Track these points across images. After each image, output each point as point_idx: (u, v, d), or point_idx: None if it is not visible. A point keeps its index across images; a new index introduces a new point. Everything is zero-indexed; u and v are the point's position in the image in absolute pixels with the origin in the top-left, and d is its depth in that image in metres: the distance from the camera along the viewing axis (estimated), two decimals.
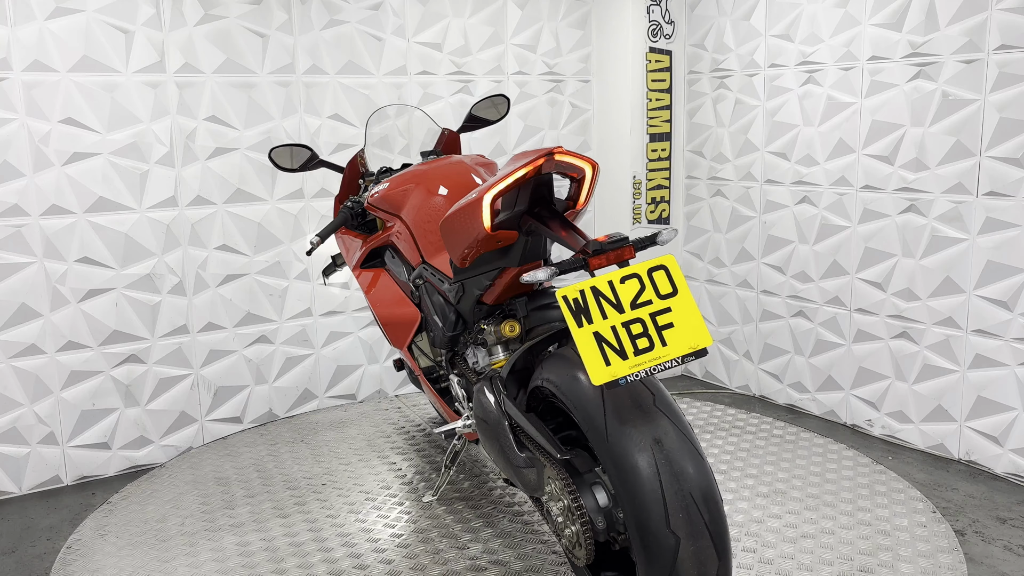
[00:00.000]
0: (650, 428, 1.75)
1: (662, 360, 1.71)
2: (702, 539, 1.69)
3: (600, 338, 1.71)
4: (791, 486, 3.01)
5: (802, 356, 3.83)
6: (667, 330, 1.71)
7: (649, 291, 1.74)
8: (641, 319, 1.72)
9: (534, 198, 2.04)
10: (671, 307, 1.72)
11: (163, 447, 3.48)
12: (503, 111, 3.16)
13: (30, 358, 3.19)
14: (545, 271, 1.81)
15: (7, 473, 3.19)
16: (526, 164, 1.95)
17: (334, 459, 3.37)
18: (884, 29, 3.32)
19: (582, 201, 1.98)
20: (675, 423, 1.76)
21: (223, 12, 3.42)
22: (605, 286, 1.74)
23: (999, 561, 2.56)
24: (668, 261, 1.75)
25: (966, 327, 3.19)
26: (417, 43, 3.85)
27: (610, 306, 1.73)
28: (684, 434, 1.75)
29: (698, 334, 1.71)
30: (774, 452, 3.32)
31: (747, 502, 2.89)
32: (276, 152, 3.06)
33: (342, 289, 3.84)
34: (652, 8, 4.10)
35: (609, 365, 1.70)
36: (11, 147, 3.08)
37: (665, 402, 1.80)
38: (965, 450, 3.26)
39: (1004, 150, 3.01)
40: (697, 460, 1.74)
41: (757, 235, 3.97)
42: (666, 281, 1.74)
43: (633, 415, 1.77)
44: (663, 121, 4.22)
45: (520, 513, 2.85)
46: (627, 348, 1.70)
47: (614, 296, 1.74)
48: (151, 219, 3.37)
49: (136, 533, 2.81)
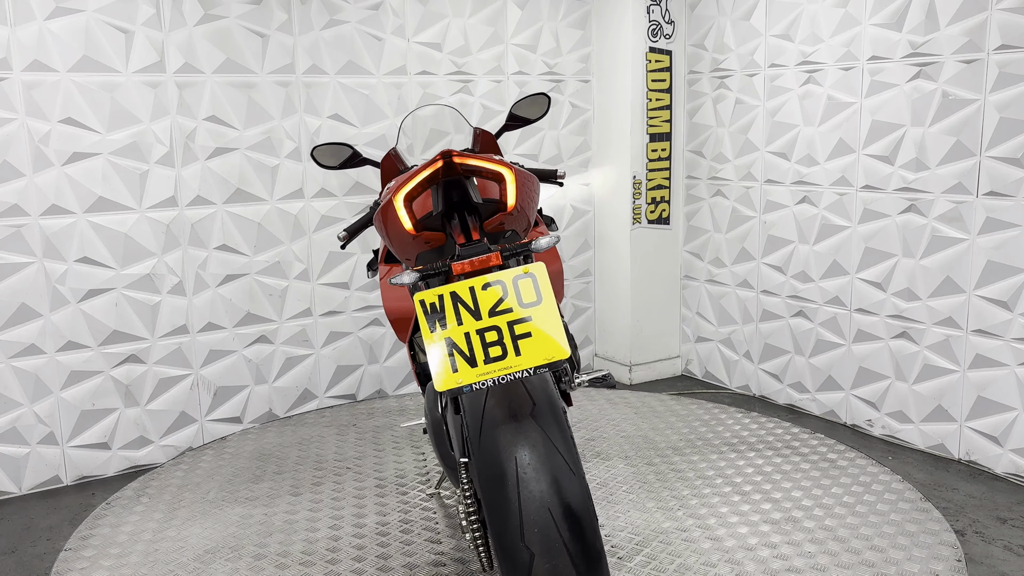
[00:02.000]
0: (518, 439, 1.69)
1: (513, 370, 1.66)
2: (559, 557, 1.61)
3: (452, 344, 1.68)
4: (791, 486, 3.01)
5: (802, 356, 3.83)
6: (523, 340, 1.67)
7: (512, 299, 1.69)
8: (498, 327, 1.68)
9: (454, 200, 2.00)
10: (532, 316, 1.67)
11: (163, 447, 3.48)
12: (543, 109, 3.17)
13: (30, 358, 3.19)
14: (409, 275, 1.78)
15: (7, 473, 3.19)
16: (425, 166, 1.92)
17: (371, 445, 3.49)
18: (884, 29, 3.32)
19: (511, 204, 1.92)
20: (548, 435, 1.70)
21: (223, 12, 3.42)
22: (466, 292, 1.71)
23: (999, 561, 2.56)
24: (537, 269, 1.70)
25: (966, 327, 3.19)
26: (417, 43, 3.85)
27: (468, 312, 1.69)
28: (555, 448, 1.69)
29: (554, 346, 1.66)
30: (774, 452, 3.32)
31: (746, 501, 2.89)
32: (319, 151, 3.09)
33: (342, 289, 3.84)
34: (652, 8, 4.10)
35: (456, 372, 1.66)
36: (11, 147, 3.08)
37: (543, 413, 1.73)
38: (965, 450, 3.26)
39: (1004, 150, 3.01)
40: (565, 476, 1.66)
41: (757, 235, 3.97)
42: (532, 290, 1.70)
43: (505, 424, 1.71)
44: (663, 121, 4.22)
45: None
46: (478, 356, 1.67)
47: (473, 302, 1.70)
48: (151, 219, 3.37)
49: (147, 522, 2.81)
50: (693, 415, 3.76)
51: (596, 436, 3.52)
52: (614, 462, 3.26)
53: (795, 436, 3.49)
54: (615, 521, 2.77)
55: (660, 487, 3.02)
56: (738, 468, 3.17)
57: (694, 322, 4.39)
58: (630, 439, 3.48)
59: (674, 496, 2.94)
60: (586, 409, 3.85)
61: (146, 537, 2.78)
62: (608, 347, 4.44)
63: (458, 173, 1.93)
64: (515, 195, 1.89)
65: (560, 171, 3.07)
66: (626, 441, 3.46)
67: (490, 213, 1.97)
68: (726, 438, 3.47)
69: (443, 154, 1.87)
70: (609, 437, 3.51)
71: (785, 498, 2.92)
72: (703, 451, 3.34)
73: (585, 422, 3.68)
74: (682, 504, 2.89)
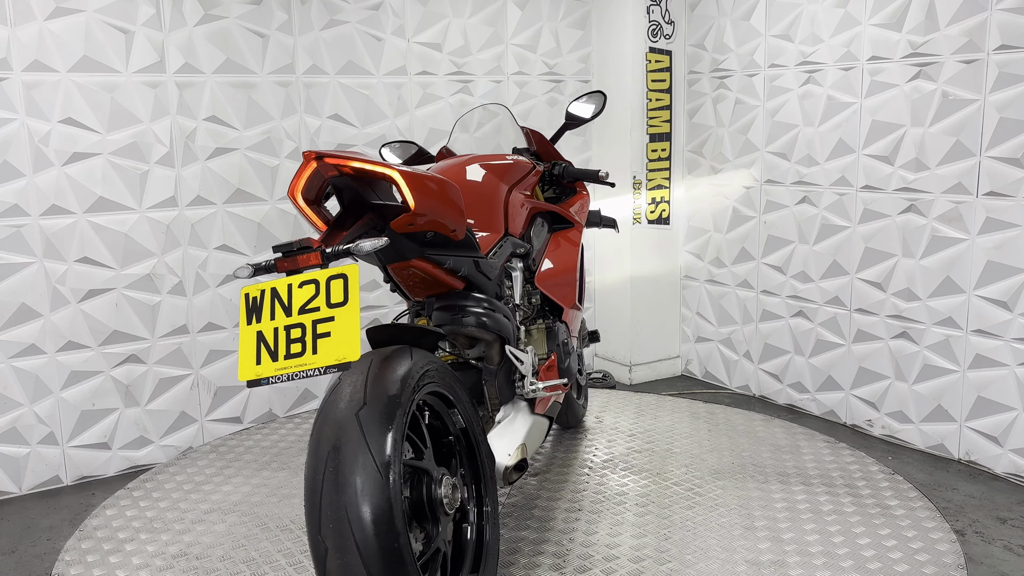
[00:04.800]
0: (335, 435, 1.74)
1: (307, 368, 1.70)
2: (349, 555, 1.65)
3: (261, 337, 1.73)
4: (790, 486, 3.01)
5: (802, 356, 3.83)
6: (322, 339, 1.70)
7: (321, 298, 1.73)
8: (303, 324, 1.72)
9: (347, 199, 2.04)
10: (335, 317, 1.71)
11: (163, 447, 3.48)
12: (599, 108, 3.19)
13: (30, 358, 3.19)
14: (244, 269, 1.84)
15: (7, 473, 3.19)
16: (301, 166, 1.96)
17: None
18: (884, 29, 3.32)
19: (412, 205, 1.96)
20: (365, 435, 1.72)
21: (223, 12, 3.42)
22: (284, 288, 1.76)
23: (999, 561, 2.56)
24: (350, 271, 1.73)
25: (966, 327, 3.19)
26: (417, 43, 3.85)
27: (281, 308, 1.74)
28: (367, 448, 1.71)
29: (348, 348, 1.69)
30: (774, 452, 3.32)
31: (745, 501, 2.90)
32: (387, 148, 3.20)
33: None
34: (652, 8, 4.10)
35: (259, 364, 1.71)
36: (11, 147, 3.08)
37: (372, 412, 1.76)
38: (965, 450, 3.26)
39: (1004, 150, 3.01)
40: (369, 476, 1.69)
41: (757, 235, 3.97)
42: (340, 291, 1.73)
43: (332, 419, 1.77)
44: (663, 121, 4.22)
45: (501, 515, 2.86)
46: (280, 351, 1.71)
47: (288, 299, 1.75)
48: (151, 219, 3.37)
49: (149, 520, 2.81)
50: (693, 415, 3.76)
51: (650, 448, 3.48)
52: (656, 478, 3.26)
53: (794, 436, 3.50)
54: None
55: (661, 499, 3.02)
56: (737, 467, 3.17)
57: (694, 322, 4.39)
58: (695, 455, 3.49)
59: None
60: (656, 420, 3.79)
61: (146, 537, 2.78)
62: (608, 347, 4.44)
63: (352, 174, 1.96)
64: (412, 197, 1.93)
65: (602, 172, 3.09)
66: (687, 456, 3.46)
67: (396, 213, 2.02)
68: (724, 438, 3.47)
69: (316, 155, 1.92)
70: (671, 450, 3.50)
71: (784, 497, 2.92)
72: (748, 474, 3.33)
73: (649, 434, 3.63)
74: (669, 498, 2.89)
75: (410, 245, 2.10)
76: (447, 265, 2.24)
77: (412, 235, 2.08)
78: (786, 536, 2.66)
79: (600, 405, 3.91)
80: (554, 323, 2.81)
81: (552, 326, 2.79)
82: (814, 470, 3.14)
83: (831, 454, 3.29)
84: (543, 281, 2.79)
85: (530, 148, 3.20)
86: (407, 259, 2.13)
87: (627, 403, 3.94)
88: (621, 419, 3.72)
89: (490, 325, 2.37)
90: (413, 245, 2.11)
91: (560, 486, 3.06)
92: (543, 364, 2.65)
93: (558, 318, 2.86)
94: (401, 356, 1.94)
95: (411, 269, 2.19)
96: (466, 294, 2.37)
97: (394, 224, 2.01)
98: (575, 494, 2.98)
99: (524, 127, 3.23)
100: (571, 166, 3.18)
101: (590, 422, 3.70)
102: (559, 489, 3.04)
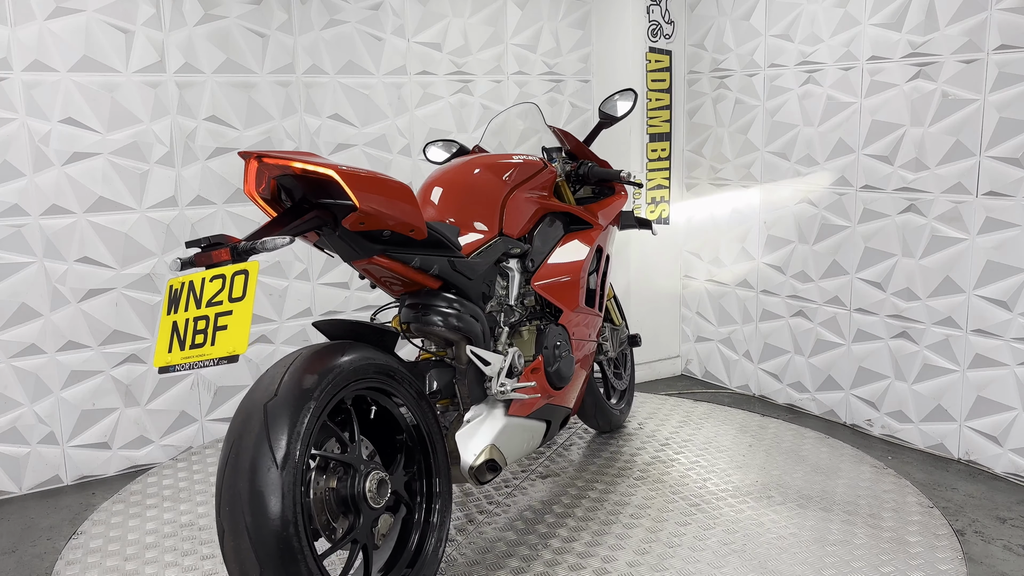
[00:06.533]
0: (243, 421, 1.84)
1: (204, 358, 1.78)
2: (241, 539, 1.75)
3: (175, 327, 1.83)
4: (790, 485, 3.01)
5: (802, 356, 3.83)
6: (220, 331, 1.79)
7: (225, 292, 1.82)
8: (208, 316, 1.81)
9: (296, 197, 2.09)
10: (233, 311, 1.79)
11: (163, 447, 3.48)
12: (630, 105, 3.20)
13: (30, 358, 3.19)
14: (175, 263, 1.92)
15: (7, 473, 3.19)
16: (245, 166, 2.02)
17: None
18: (884, 29, 3.33)
19: (358, 204, 2.01)
20: (268, 425, 1.81)
21: (223, 12, 3.42)
22: (199, 281, 1.85)
23: (999, 561, 2.56)
24: (251, 267, 1.81)
25: (966, 327, 3.20)
26: (417, 43, 3.86)
27: (193, 300, 1.84)
28: (267, 438, 1.79)
29: (239, 341, 1.77)
30: (773, 451, 3.32)
31: (744, 501, 2.89)
32: (430, 148, 3.26)
33: (341, 289, 3.84)
34: (652, 8, 4.10)
35: (170, 352, 1.82)
36: (11, 147, 3.08)
37: (280, 404, 1.84)
38: (965, 450, 3.26)
39: (1004, 150, 3.02)
40: (264, 465, 1.77)
41: (757, 235, 3.97)
42: (241, 286, 1.81)
43: (245, 406, 1.87)
44: (663, 121, 4.22)
45: (486, 512, 2.86)
46: (187, 340, 1.81)
47: (200, 291, 1.83)
48: (151, 219, 3.37)
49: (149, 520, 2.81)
50: (692, 415, 3.75)
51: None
52: None
53: (794, 435, 3.50)
54: None
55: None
56: (736, 467, 3.17)
57: (694, 322, 4.39)
58: None
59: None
60: (699, 430, 3.67)
61: (146, 537, 2.78)
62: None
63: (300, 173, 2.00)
64: (354, 196, 1.98)
65: (624, 172, 3.09)
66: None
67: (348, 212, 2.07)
68: (725, 437, 3.47)
69: (256, 155, 1.99)
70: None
71: (783, 497, 2.92)
72: None
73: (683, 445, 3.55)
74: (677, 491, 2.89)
75: (366, 244, 2.16)
76: (414, 263, 2.28)
77: (367, 234, 2.14)
78: (770, 564, 2.57)
79: (648, 411, 3.81)
80: (547, 325, 2.75)
81: (544, 328, 2.74)
82: (843, 496, 2.91)
83: (869, 481, 3.04)
84: (539, 282, 2.77)
85: (563, 147, 3.21)
86: (366, 257, 2.18)
87: (675, 411, 3.82)
88: (663, 426, 3.61)
89: (453, 325, 2.40)
90: (369, 244, 2.16)
91: (562, 490, 3.06)
92: (528, 366, 2.63)
93: (554, 321, 2.81)
94: (333, 351, 2.01)
95: (375, 267, 2.24)
96: (436, 293, 2.41)
97: (345, 222, 2.06)
98: (575, 499, 2.96)
99: (553, 127, 3.24)
100: (596, 166, 3.18)
101: (632, 427, 3.61)
102: (559, 494, 3.04)
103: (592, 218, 3.09)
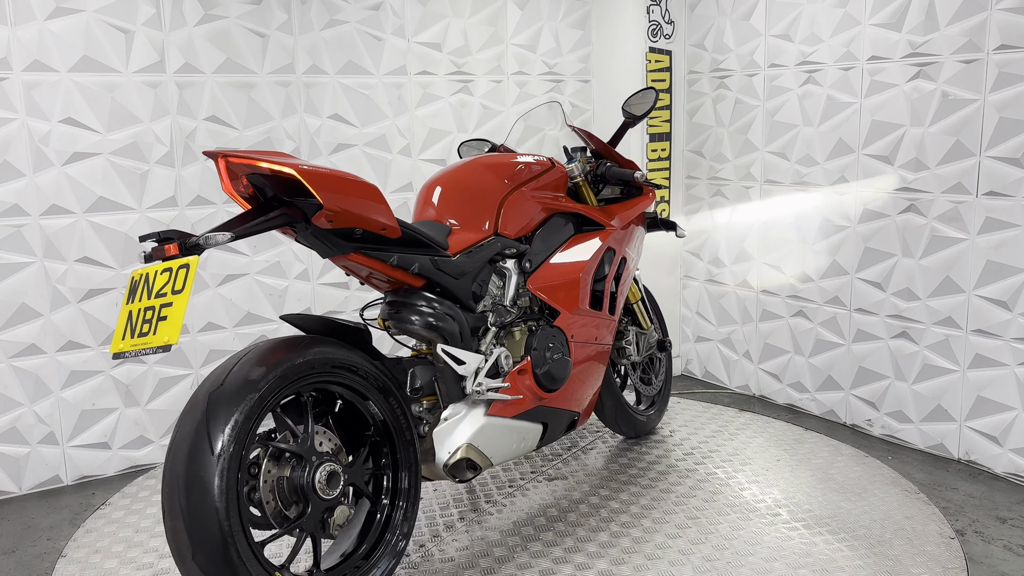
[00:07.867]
0: (190, 408, 1.94)
1: (147, 346, 1.88)
2: (177, 520, 1.86)
3: (129, 316, 1.93)
4: (789, 485, 3.01)
5: (802, 356, 3.83)
6: (161, 321, 1.89)
7: (169, 285, 1.91)
8: (154, 307, 1.91)
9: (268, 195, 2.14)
10: (173, 303, 1.89)
11: (163, 447, 3.48)
12: (649, 104, 3.21)
13: (30, 358, 3.19)
14: (140, 257, 1.99)
15: (7, 473, 3.19)
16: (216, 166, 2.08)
17: None
18: (884, 29, 3.33)
19: (323, 202, 2.06)
20: (208, 414, 1.90)
21: (223, 12, 3.42)
22: (152, 273, 1.95)
23: (999, 561, 2.56)
24: (192, 261, 1.90)
25: (966, 327, 3.20)
26: (417, 43, 3.86)
27: (146, 291, 1.94)
28: (205, 426, 1.89)
29: (172, 332, 1.86)
30: (827, 493, 3.00)
31: (743, 500, 2.90)
32: (464, 147, 3.29)
33: (341, 289, 3.84)
34: (652, 8, 4.10)
35: (123, 340, 1.91)
36: (11, 147, 3.08)
37: (223, 395, 1.92)
38: (965, 450, 3.26)
39: (1004, 150, 3.02)
40: (200, 452, 1.86)
41: (757, 235, 3.97)
42: (182, 279, 1.90)
43: (195, 394, 1.97)
44: (663, 121, 4.22)
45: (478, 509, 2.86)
46: (137, 329, 1.91)
47: (152, 283, 1.94)
48: (151, 219, 3.37)
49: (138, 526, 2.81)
50: (692, 415, 3.75)
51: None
52: None
53: (793, 435, 3.50)
54: None
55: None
56: (736, 466, 3.17)
57: (694, 322, 4.39)
58: None
59: None
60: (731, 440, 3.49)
61: (147, 537, 2.78)
62: None
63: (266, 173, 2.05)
64: (317, 195, 2.03)
65: (638, 174, 3.10)
66: None
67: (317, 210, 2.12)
68: (725, 437, 3.46)
69: (221, 154, 2.05)
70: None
71: (783, 497, 2.92)
72: None
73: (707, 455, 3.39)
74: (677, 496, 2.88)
75: (340, 241, 2.20)
76: (392, 261, 2.31)
77: (340, 231, 2.18)
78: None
79: (685, 419, 3.72)
80: (539, 327, 2.72)
81: (535, 330, 2.71)
82: (856, 521, 2.74)
83: (896, 506, 2.86)
84: (535, 282, 2.74)
85: (588, 147, 3.21)
86: (342, 254, 2.22)
87: (714, 419, 3.72)
88: (695, 435, 3.53)
89: (428, 323, 2.42)
90: (343, 241, 2.21)
91: (564, 494, 3.06)
92: (515, 367, 2.61)
93: (550, 322, 2.77)
94: (290, 345, 2.07)
95: (354, 264, 2.28)
96: (414, 291, 2.45)
97: (315, 220, 2.11)
98: (572, 503, 2.95)
99: (575, 126, 3.24)
100: (615, 166, 3.17)
101: (662, 434, 3.54)
102: (560, 497, 3.03)
103: (605, 219, 3.05)
